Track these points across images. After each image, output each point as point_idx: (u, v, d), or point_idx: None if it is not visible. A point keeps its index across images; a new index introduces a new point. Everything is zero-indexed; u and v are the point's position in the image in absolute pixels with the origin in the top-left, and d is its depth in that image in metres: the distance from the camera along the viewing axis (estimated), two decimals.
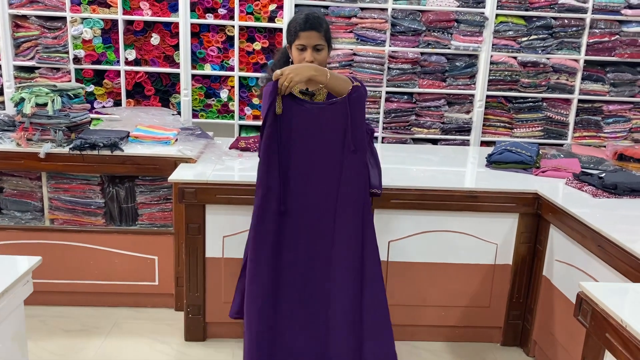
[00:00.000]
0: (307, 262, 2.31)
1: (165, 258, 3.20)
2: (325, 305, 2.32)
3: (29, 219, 3.19)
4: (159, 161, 3.07)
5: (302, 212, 2.28)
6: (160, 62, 3.97)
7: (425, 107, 4.14)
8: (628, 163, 3.22)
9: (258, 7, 3.91)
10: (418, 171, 3.19)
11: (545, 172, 3.11)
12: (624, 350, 1.52)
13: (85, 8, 3.85)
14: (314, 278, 2.32)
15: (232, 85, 4.04)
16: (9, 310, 1.58)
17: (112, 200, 3.18)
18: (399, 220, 2.87)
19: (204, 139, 3.42)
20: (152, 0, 3.86)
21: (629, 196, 2.76)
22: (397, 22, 3.97)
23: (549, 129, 4.23)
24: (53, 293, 3.21)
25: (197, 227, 2.83)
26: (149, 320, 3.19)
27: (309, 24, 2.28)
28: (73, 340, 2.97)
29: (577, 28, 4.05)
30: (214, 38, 3.97)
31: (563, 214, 2.61)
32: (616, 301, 1.63)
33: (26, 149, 3.02)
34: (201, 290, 2.92)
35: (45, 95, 3.00)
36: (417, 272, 2.95)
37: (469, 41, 4.02)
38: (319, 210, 2.29)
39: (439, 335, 3.10)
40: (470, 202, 2.85)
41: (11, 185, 3.17)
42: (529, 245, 2.92)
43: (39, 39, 3.89)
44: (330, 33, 2.38)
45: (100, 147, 3.02)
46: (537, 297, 2.90)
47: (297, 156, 2.24)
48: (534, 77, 4.11)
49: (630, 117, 4.26)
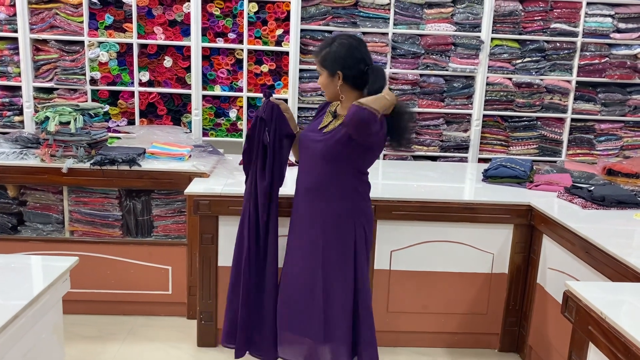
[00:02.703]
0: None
1: (178, 268, 3.36)
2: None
3: (50, 231, 3.37)
4: (174, 176, 3.26)
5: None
6: (173, 84, 4.18)
7: (424, 126, 4.34)
8: (616, 177, 3.41)
9: (266, 31, 4.13)
10: (418, 186, 3.36)
11: (538, 186, 3.29)
12: (604, 340, 1.69)
13: (102, 33, 4.06)
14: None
15: (241, 105, 4.25)
16: (50, 305, 1.75)
17: (129, 212, 3.36)
18: (400, 231, 3.04)
19: (216, 155, 3.61)
20: (165, 25, 4.08)
21: (616, 208, 2.94)
22: (397, 45, 4.19)
23: (544, 146, 4.42)
24: (71, 302, 3.34)
25: (211, 237, 3.00)
26: (162, 327, 3.35)
27: (314, 51, 2.49)
28: (91, 346, 3.12)
29: (569, 51, 4.27)
30: (224, 61, 4.18)
31: (555, 224, 2.78)
32: (597, 297, 1.80)
33: (50, 165, 3.21)
34: (213, 297, 3.08)
35: (68, 114, 3.20)
36: (417, 280, 3.11)
37: (465, 63, 4.23)
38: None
39: (439, 342, 3.24)
40: (468, 214, 3.02)
41: (34, 198, 3.36)
42: (524, 255, 3.09)
43: (58, 62, 4.10)
44: (333, 59, 2.39)
45: (119, 162, 3.21)
46: (532, 304, 3.06)
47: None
48: (529, 97, 4.32)
49: (622, 136, 4.46)
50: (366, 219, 2.51)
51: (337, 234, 2.46)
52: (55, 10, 4.00)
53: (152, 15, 4.06)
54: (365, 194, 2.53)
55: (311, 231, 2.48)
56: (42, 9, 4.01)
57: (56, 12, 4.00)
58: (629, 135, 4.47)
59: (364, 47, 2.44)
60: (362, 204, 2.51)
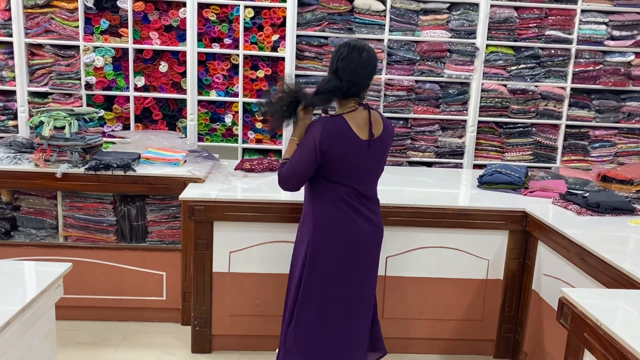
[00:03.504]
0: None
1: (172, 274, 3.35)
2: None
3: (43, 236, 3.35)
4: (169, 181, 3.25)
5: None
6: (168, 89, 4.17)
7: (420, 132, 4.35)
8: (611, 184, 3.42)
9: (262, 37, 4.13)
10: (414, 192, 3.37)
11: (533, 192, 3.29)
12: (599, 347, 1.69)
13: (97, 37, 4.06)
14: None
15: (236, 111, 4.24)
16: (43, 312, 1.74)
17: (123, 218, 3.35)
18: (395, 237, 3.03)
19: (211, 160, 3.61)
20: (161, 30, 4.08)
21: (610, 214, 2.94)
22: (392, 51, 4.20)
23: (539, 153, 4.43)
24: (65, 307, 3.32)
25: (206, 242, 2.99)
26: (156, 333, 3.33)
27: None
28: (85, 352, 3.10)
29: (563, 58, 4.29)
30: (220, 66, 4.18)
31: (550, 230, 2.79)
32: (592, 303, 1.80)
33: (44, 169, 3.19)
34: (208, 303, 3.07)
35: (62, 119, 3.19)
36: (413, 286, 3.11)
37: (461, 70, 4.25)
38: None
39: (434, 348, 3.24)
40: (463, 220, 3.03)
41: (28, 203, 3.34)
42: (519, 261, 3.09)
43: (53, 66, 4.09)
44: (331, 60, 2.38)
45: (114, 167, 3.20)
46: (527, 310, 3.06)
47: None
48: (523, 103, 4.33)
49: (616, 142, 4.48)
50: (325, 223, 2.40)
51: (300, 233, 2.53)
52: (50, 14, 3.99)
53: (148, 20, 4.06)
54: (329, 201, 2.39)
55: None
56: (38, 13, 4.00)
57: (52, 16, 4.00)
58: (623, 142, 4.49)
59: (341, 54, 2.33)
60: (321, 209, 2.40)
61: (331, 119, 2.33)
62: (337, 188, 2.37)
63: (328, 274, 2.41)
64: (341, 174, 2.35)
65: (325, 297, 2.43)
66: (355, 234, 2.41)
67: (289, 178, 2.37)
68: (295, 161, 2.35)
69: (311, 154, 2.29)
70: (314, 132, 2.31)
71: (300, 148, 2.35)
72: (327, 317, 2.44)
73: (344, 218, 2.38)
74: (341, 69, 2.31)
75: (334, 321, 2.45)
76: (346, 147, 2.31)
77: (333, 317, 2.44)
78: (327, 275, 2.41)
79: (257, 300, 3.08)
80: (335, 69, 2.34)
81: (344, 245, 2.41)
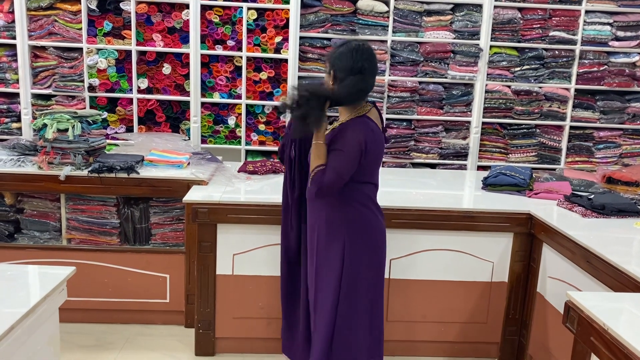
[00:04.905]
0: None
1: (176, 276, 3.34)
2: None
3: (47, 239, 3.35)
4: (173, 183, 3.24)
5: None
6: (171, 91, 4.17)
7: (423, 133, 4.33)
8: (616, 186, 3.40)
9: (265, 39, 4.12)
10: (417, 194, 3.35)
11: (538, 194, 3.28)
12: (607, 352, 1.67)
13: (100, 39, 4.06)
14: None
15: (240, 113, 4.24)
16: (46, 316, 1.73)
17: (127, 220, 3.34)
18: (399, 239, 3.02)
19: (214, 162, 3.60)
20: (164, 32, 4.08)
21: (616, 216, 2.93)
22: (396, 53, 4.19)
23: (543, 154, 4.42)
24: (69, 310, 3.32)
25: (209, 245, 2.98)
26: (160, 336, 3.32)
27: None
28: (88, 355, 3.10)
29: (568, 59, 4.27)
30: (223, 68, 4.17)
31: (555, 233, 2.77)
32: (599, 307, 1.78)
33: (47, 172, 3.19)
34: (212, 306, 3.06)
35: (66, 121, 3.19)
36: (417, 289, 3.10)
37: (464, 71, 4.23)
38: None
39: (439, 351, 3.23)
40: (468, 222, 3.01)
41: (31, 206, 3.34)
42: (524, 263, 3.08)
43: (56, 69, 4.09)
44: (332, 62, 2.38)
45: (117, 170, 3.20)
46: (532, 313, 3.04)
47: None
48: (527, 105, 4.32)
49: (621, 143, 4.45)
50: (357, 226, 2.43)
51: (327, 241, 2.45)
52: (54, 17, 3.99)
53: (151, 22, 4.05)
54: (357, 202, 2.43)
55: (312, 236, 2.53)
56: (41, 15, 3.99)
57: (55, 19, 3.99)
58: (628, 143, 4.47)
59: (364, 54, 2.34)
60: (352, 212, 2.42)
61: (364, 119, 2.38)
62: (362, 187, 2.43)
63: (373, 281, 2.49)
64: (369, 172, 2.43)
65: (372, 304, 2.50)
66: (383, 234, 2.53)
67: (335, 183, 2.29)
68: (341, 165, 2.29)
69: (357, 155, 2.30)
70: (356, 135, 2.30)
71: (342, 151, 2.29)
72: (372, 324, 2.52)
73: (373, 219, 2.47)
74: (368, 68, 2.34)
75: (377, 324, 2.55)
76: (379, 145, 2.41)
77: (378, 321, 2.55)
78: (373, 282, 2.50)
79: (261, 303, 3.07)
80: (360, 67, 2.31)
81: (379, 248, 2.51)
